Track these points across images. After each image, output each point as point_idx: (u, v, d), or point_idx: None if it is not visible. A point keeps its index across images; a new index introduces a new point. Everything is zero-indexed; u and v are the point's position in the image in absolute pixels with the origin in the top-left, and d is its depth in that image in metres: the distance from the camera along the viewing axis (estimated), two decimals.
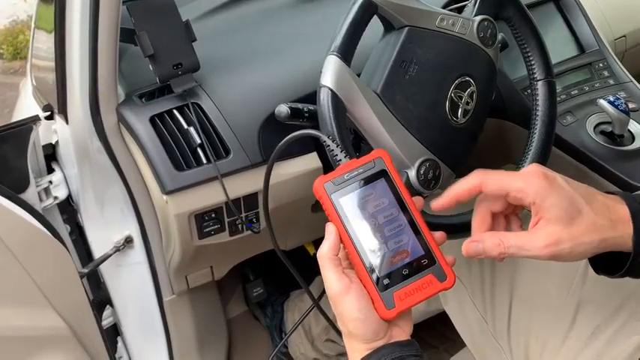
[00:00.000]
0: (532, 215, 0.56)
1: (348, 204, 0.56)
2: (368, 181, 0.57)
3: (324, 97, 0.73)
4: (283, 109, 0.82)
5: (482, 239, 0.56)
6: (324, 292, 1.16)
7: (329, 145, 0.61)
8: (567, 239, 0.54)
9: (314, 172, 0.93)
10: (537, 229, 0.55)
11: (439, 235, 0.59)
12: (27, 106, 1.35)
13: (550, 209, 0.54)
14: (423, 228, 0.57)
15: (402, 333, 0.56)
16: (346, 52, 0.74)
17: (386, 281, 0.55)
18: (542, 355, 0.79)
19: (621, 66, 1.16)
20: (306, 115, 0.83)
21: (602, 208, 0.56)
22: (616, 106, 0.96)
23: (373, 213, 0.56)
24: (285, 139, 0.63)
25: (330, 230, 0.57)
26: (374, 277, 0.55)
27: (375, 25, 0.79)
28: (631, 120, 1.00)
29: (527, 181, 0.55)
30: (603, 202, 0.57)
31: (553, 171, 0.57)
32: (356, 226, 0.56)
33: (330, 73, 0.73)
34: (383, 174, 0.57)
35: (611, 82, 1.14)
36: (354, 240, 0.56)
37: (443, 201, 0.59)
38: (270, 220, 0.68)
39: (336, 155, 0.61)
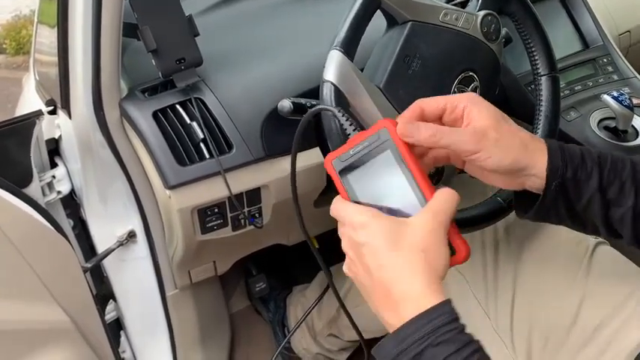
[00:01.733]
0: (463, 122, 0.58)
1: (355, 180, 0.56)
2: (373, 154, 0.56)
3: (327, 92, 0.73)
4: (286, 103, 0.82)
5: (418, 123, 0.57)
6: (327, 287, 1.16)
7: (339, 119, 0.61)
8: (493, 134, 0.56)
9: (316, 167, 0.93)
10: (468, 127, 0.58)
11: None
12: (30, 100, 1.36)
13: (480, 113, 0.57)
14: (427, 196, 0.55)
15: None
16: (349, 47, 0.74)
17: None
18: (545, 350, 0.79)
19: (625, 61, 1.16)
20: (309, 109, 0.83)
21: (523, 129, 0.60)
22: (620, 102, 0.96)
23: (379, 186, 0.55)
24: (304, 118, 0.63)
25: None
26: None
27: (378, 19, 0.79)
28: (635, 115, 0.99)
29: (460, 95, 0.61)
30: (527, 133, 0.60)
31: None
32: (364, 200, 0.55)
33: (333, 67, 0.73)
34: (388, 145, 0.56)
35: (615, 77, 1.13)
36: None
37: (407, 111, 0.60)
38: (299, 207, 0.67)
39: (346, 129, 0.60)
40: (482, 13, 0.84)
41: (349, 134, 0.59)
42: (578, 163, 0.58)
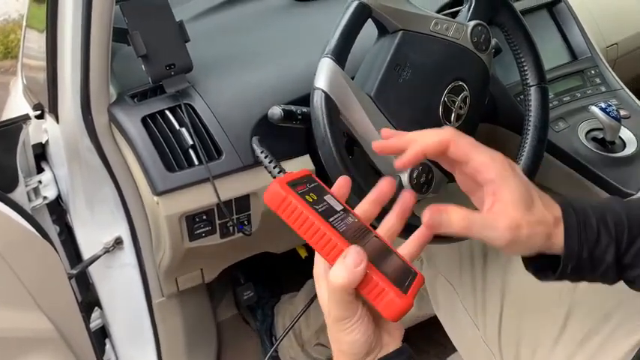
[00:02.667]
0: (486, 195, 0.55)
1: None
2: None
3: (318, 100, 0.73)
4: (276, 111, 0.82)
5: (449, 210, 0.53)
6: (315, 296, 1.16)
7: (266, 159, 0.58)
8: (525, 225, 0.53)
9: None
10: (498, 211, 0.54)
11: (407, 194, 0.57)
12: (17, 105, 1.34)
13: (509, 192, 0.54)
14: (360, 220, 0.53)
15: (392, 341, 0.53)
16: (340, 55, 0.74)
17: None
18: None
19: (613, 73, 1.17)
20: (300, 117, 0.83)
21: (548, 204, 0.57)
22: (607, 113, 0.97)
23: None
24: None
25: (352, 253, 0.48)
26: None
27: (370, 28, 0.79)
28: (622, 127, 1.00)
29: (494, 159, 0.55)
30: (549, 200, 0.57)
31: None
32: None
33: (324, 75, 0.73)
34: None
35: (603, 89, 1.14)
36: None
37: (409, 156, 0.55)
38: None
39: (274, 167, 0.57)
40: (472, 23, 0.84)
41: (280, 172, 0.56)
42: (594, 240, 0.56)
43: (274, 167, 0.56)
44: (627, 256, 0.57)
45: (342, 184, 0.56)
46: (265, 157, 0.60)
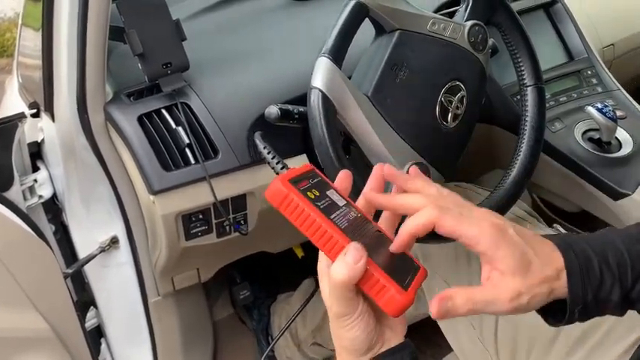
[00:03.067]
0: (482, 264, 0.55)
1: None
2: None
3: (315, 99, 0.73)
4: (273, 110, 0.82)
5: (452, 296, 0.53)
6: (311, 295, 1.16)
7: (269, 154, 0.58)
8: (526, 292, 0.53)
9: None
10: (497, 284, 0.54)
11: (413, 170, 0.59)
12: (12, 103, 1.34)
13: (503, 260, 0.53)
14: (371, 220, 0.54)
15: (395, 337, 0.54)
16: (338, 55, 0.74)
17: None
18: None
19: (609, 74, 1.18)
20: (296, 116, 0.83)
21: (547, 259, 0.56)
22: (604, 114, 0.97)
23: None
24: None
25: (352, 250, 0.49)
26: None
27: (367, 28, 0.79)
28: (618, 127, 1.01)
29: (482, 229, 0.54)
30: (548, 253, 0.57)
31: (504, 218, 0.57)
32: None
33: (321, 75, 0.73)
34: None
35: (599, 89, 1.15)
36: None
37: (401, 241, 0.54)
38: None
39: (276, 162, 0.57)
40: (469, 23, 0.84)
41: (283, 167, 0.56)
42: (598, 283, 0.56)
43: (277, 163, 0.56)
44: (634, 292, 0.57)
45: (343, 178, 0.56)
46: (268, 153, 0.61)
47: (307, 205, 0.49)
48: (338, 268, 0.48)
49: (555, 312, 0.59)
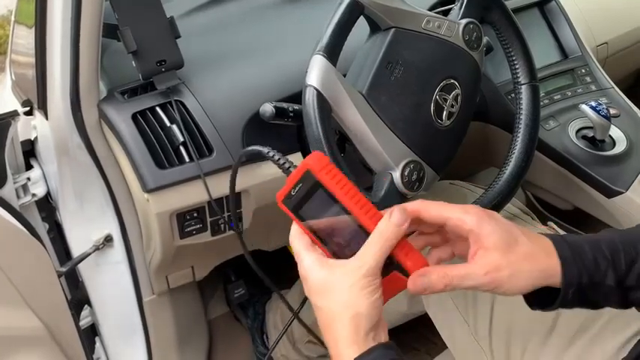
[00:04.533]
0: (470, 246, 0.57)
1: (306, 216, 0.56)
2: (310, 193, 0.55)
3: (310, 97, 0.73)
4: (268, 108, 0.82)
5: (428, 272, 0.55)
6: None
7: (276, 160, 0.60)
8: (506, 266, 0.55)
9: None
10: (477, 258, 0.56)
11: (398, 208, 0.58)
12: (5, 101, 1.33)
13: (488, 237, 0.55)
14: (369, 228, 0.55)
15: (383, 332, 0.55)
16: (332, 52, 0.74)
17: None
18: (524, 357, 0.80)
19: (603, 72, 1.18)
20: (291, 114, 0.82)
21: (537, 238, 0.58)
22: (598, 112, 0.97)
23: (328, 221, 0.55)
24: (235, 162, 0.65)
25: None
26: None
27: (362, 25, 0.79)
28: (612, 125, 1.01)
29: (466, 210, 0.57)
30: (537, 236, 0.58)
31: None
32: (322, 235, 0.56)
33: (316, 72, 0.73)
34: (318, 186, 0.55)
35: (593, 87, 1.15)
36: (323, 246, 0.56)
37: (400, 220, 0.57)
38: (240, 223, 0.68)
39: (283, 163, 0.60)
40: (464, 21, 0.84)
41: (289, 168, 0.59)
42: (593, 268, 0.57)
43: (283, 163, 0.57)
44: (629, 279, 0.57)
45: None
46: (273, 156, 0.61)
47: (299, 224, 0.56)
48: (394, 218, 0.54)
49: (539, 299, 0.60)
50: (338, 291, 0.54)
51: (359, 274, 0.53)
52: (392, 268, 0.56)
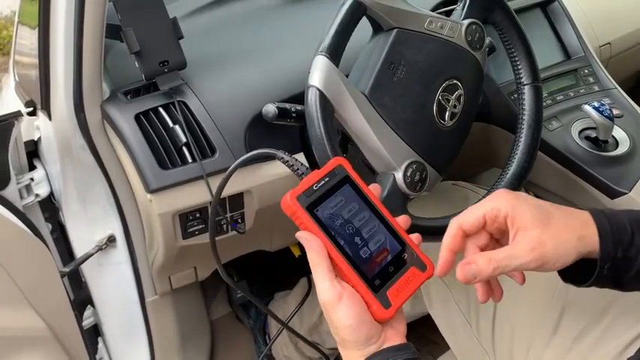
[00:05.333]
0: (509, 230, 0.58)
1: (323, 214, 0.56)
2: (336, 188, 0.57)
3: (312, 98, 0.73)
4: (271, 108, 0.82)
5: (474, 260, 0.57)
6: (307, 294, 1.16)
7: (287, 161, 0.61)
8: (548, 239, 0.55)
9: None
10: (518, 239, 0.57)
11: (415, 237, 0.60)
12: (8, 102, 1.33)
13: (523, 216, 0.56)
14: (395, 224, 0.58)
15: (397, 334, 0.56)
16: (335, 53, 0.74)
17: (377, 282, 0.55)
18: (527, 358, 0.80)
19: (606, 72, 1.18)
20: (294, 115, 0.83)
21: (570, 210, 0.59)
22: (601, 112, 0.97)
23: (348, 218, 0.57)
24: (237, 161, 0.64)
25: (307, 237, 0.55)
26: (365, 280, 0.55)
27: (364, 26, 0.79)
28: (615, 126, 1.01)
29: (495, 198, 0.59)
30: (571, 209, 0.59)
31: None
32: (336, 233, 0.56)
33: (319, 73, 0.73)
34: (347, 180, 0.58)
35: (596, 88, 1.15)
36: (338, 248, 0.56)
37: (443, 262, 0.59)
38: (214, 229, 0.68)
39: (298, 169, 0.61)
40: (466, 21, 0.84)
41: (302, 174, 0.60)
42: (628, 241, 0.57)
43: (297, 170, 0.58)
44: None
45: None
46: (286, 162, 0.62)
47: (310, 223, 0.55)
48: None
49: (575, 275, 0.60)
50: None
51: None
52: (410, 265, 0.57)
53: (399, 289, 0.56)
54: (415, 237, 0.60)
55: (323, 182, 0.57)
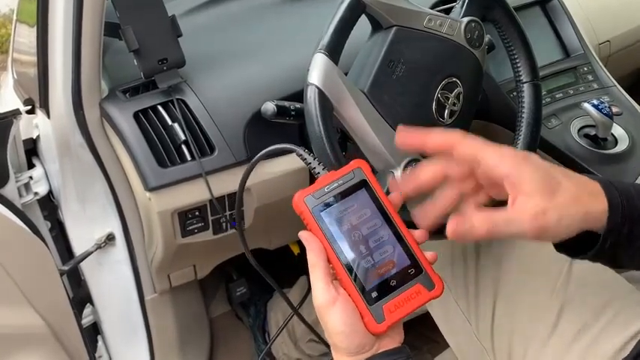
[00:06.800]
0: (508, 190, 0.53)
1: (330, 217, 0.55)
2: (349, 192, 0.56)
3: (311, 96, 0.72)
4: (270, 106, 0.81)
5: (470, 217, 0.52)
6: (308, 292, 1.16)
7: (306, 159, 0.60)
8: (553, 209, 0.51)
9: (300, 171, 0.93)
10: (519, 204, 0.52)
11: (419, 233, 0.57)
12: (7, 100, 1.33)
13: (529, 182, 0.51)
14: (408, 237, 0.56)
15: (392, 342, 0.54)
16: (334, 51, 0.74)
17: (374, 294, 0.54)
18: (526, 356, 0.80)
19: (605, 70, 1.18)
20: (293, 113, 0.82)
21: (580, 181, 0.54)
22: (600, 110, 0.97)
23: (356, 225, 0.55)
24: (259, 154, 0.63)
25: (307, 238, 0.55)
26: (361, 290, 0.53)
27: (363, 24, 0.79)
28: (614, 124, 1.01)
29: (503, 153, 0.53)
30: (581, 178, 0.55)
31: None
32: (339, 239, 0.55)
33: (318, 71, 0.73)
34: (363, 184, 0.56)
35: (595, 86, 1.15)
36: (339, 254, 0.54)
37: (411, 139, 0.56)
38: (242, 224, 0.68)
39: (314, 168, 0.59)
40: (466, 19, 0.84)
41: (318, 173, 0.59)
42: (637, 219, 0.54)
43: (314, 168, 0.57)
44: None
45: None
46: (304, 159, 0.61)
47: (313, 224, 0.55)
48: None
49: (577, 250, 0.56)
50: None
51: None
52: (416, 281, 0.55)
53: (398, 305, 0.54)
54: (430, 255, 0.57)
55: (336, 184, 0.56)
